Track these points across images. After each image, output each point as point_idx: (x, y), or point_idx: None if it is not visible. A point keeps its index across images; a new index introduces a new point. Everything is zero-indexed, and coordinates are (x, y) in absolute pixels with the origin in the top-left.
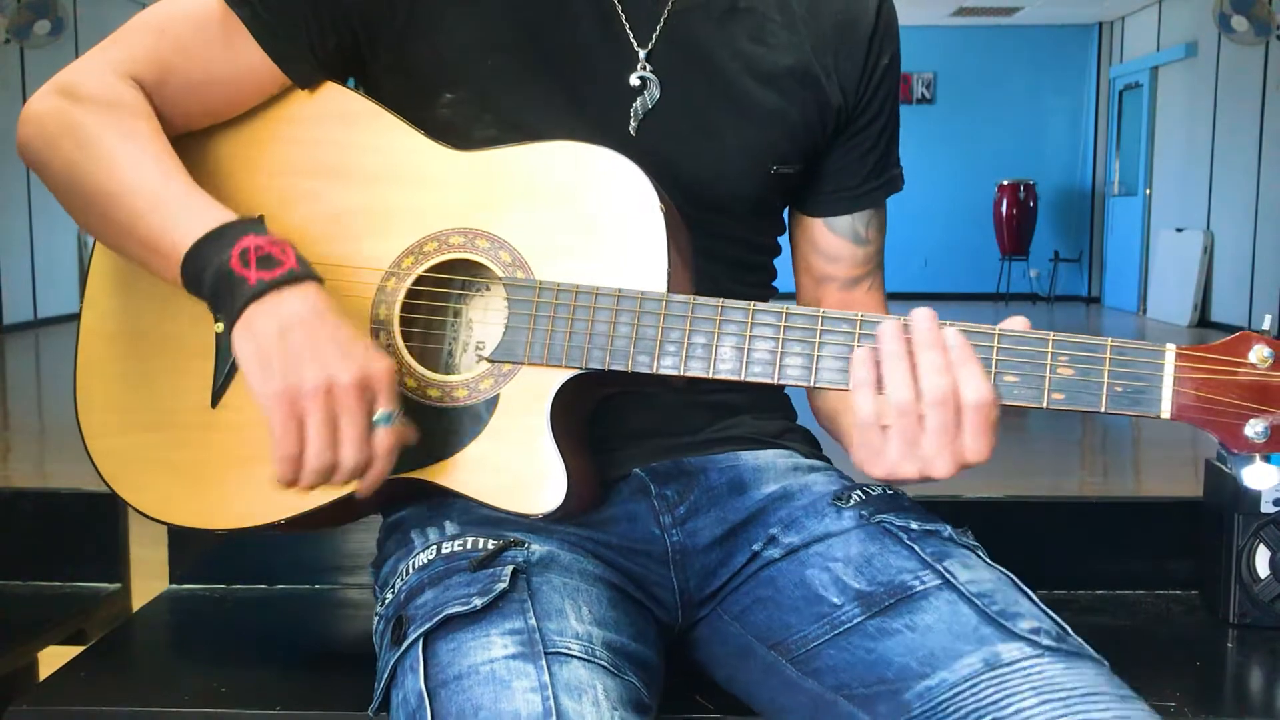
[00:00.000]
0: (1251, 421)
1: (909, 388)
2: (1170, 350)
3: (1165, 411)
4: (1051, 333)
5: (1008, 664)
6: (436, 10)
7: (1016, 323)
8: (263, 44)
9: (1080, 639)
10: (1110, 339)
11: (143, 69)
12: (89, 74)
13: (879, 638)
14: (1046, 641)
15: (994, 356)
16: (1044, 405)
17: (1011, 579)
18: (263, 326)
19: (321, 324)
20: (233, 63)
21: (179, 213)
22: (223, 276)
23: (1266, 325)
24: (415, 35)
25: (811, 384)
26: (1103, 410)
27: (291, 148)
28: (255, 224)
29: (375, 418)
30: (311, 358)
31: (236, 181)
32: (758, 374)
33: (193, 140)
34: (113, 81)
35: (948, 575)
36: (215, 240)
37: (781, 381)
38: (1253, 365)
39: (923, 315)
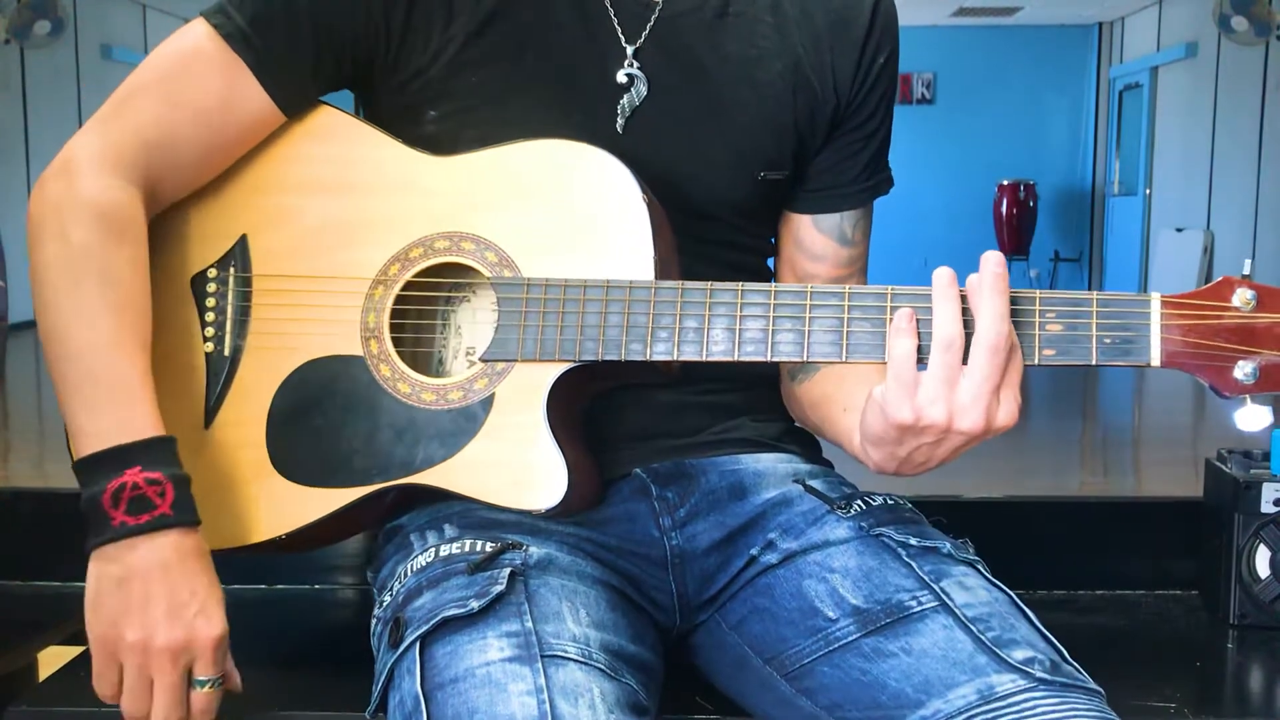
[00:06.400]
0: (1240, 363)
1: (956, 323)
2: (1155, 298)
3: (1155, 359)
4: (1038, 290)
5: (1001, 697)
6: (422, 30)
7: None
8: (269, 90)
9: (1075, 665)
10: (1095, 292)
11: (148, 148)
12: (90, 165)
13: (874, 659)
14: (1040, 673)
15: None
16: (1035, 362)
17: (1010, 598)
18: (106, 570)
19: (161, 580)
20: (238, 112)
21: (100, 407)
22: (93, 507)
23: (1246, 270)
24: (405, 57)
25: (805, 359)
26: (1093, 363)
27: (273, 164)
28: (151, 453)
29: (194, 680)
30: (138, 613)
31: (220, 199)
32: (750, 353)
33: None
34: (110, 184)
35: (944, 597)
36: (103, 462)
37: (775, 359)
38: (1237, 309)
39: (994, 260)
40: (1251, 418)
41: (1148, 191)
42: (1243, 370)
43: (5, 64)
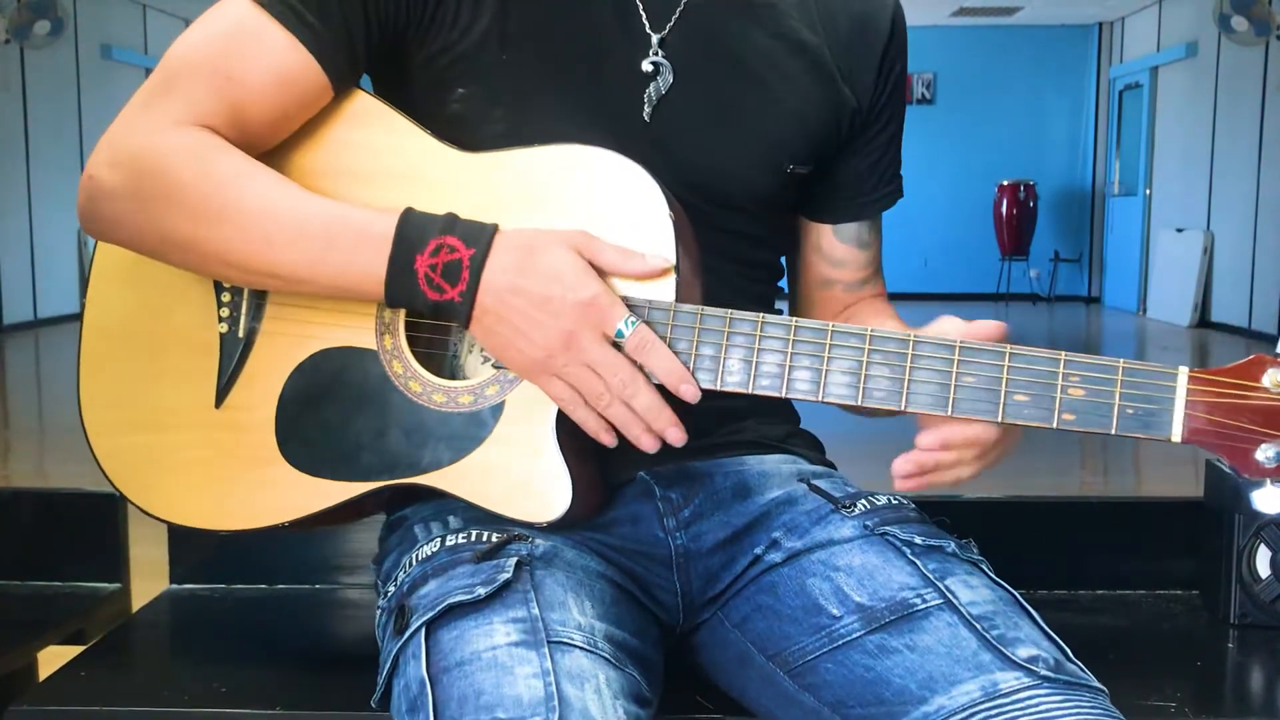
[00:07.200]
0: (1263, 446)
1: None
2: (1183, 373)
3: (1176, 435)
4: (1063, 352)
5: (1005, 694)
6: (453, 6)
7: (947, 323)
8: (321, 62)
9: (1079, 664)
10: (1122, 360)
11: (214, 120)
12: (157, 132)
13: (878, 656)
14: (1044, 671)
15: (1004, 375)
16: (1054, 425)
17: (1014, 597)
18: (491, 325)
19: (524, 288)
20: (296, 88)
21: (354, 244)
22: (434, 306)
23: None
24: (436, 29)
25: (820, 399)
26: (1113, 432)
27: (300, 147)
28: (411, 228)
29: (615, 333)
30: (535, 324)
31: None
32: (765, 387)
33: None
34: (187, 130)
35: (949, 595)
36: (400, 272)
37: (789, 395)
38: (1265, 389)
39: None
40: (1269, 499)
41: (1148, 191)
42: (1265, 454)
43: (5, 64)
